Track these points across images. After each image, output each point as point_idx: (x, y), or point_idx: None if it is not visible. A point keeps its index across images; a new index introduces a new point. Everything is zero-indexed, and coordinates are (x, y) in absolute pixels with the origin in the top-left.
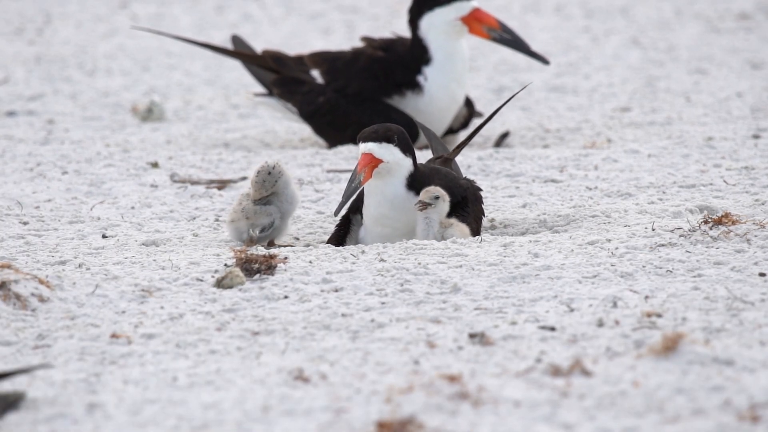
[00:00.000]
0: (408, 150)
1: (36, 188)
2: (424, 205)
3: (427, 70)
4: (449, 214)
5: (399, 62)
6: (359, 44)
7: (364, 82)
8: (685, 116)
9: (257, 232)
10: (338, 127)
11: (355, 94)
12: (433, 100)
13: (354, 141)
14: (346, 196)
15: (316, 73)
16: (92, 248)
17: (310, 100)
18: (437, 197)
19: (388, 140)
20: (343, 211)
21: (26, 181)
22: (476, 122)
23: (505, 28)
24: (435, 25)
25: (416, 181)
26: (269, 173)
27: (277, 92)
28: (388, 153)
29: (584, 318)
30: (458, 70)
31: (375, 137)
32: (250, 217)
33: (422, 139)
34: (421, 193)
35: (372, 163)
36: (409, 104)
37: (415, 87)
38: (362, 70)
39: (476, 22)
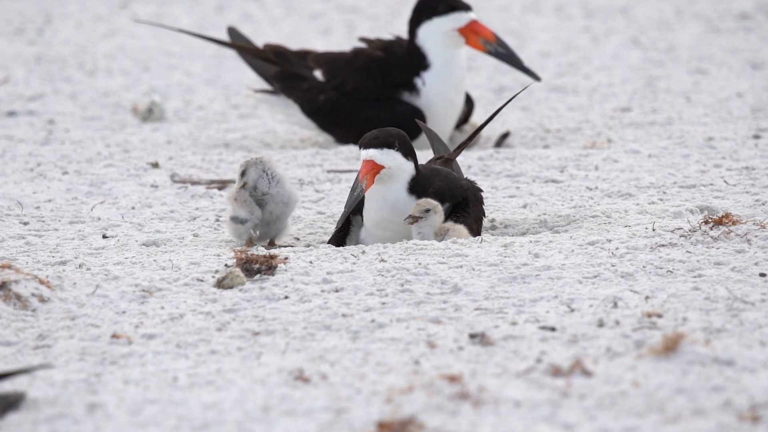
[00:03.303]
0: (409, 154)
1: (36, 188)
2: (415, 219)
3: (426, 75)
4: (447, 216)
5: (397, 63)
6: (359, 45)
7: (361, 81)
8: (686, 116)
9: (257, 233)
10: (343, 124)
11: (353, 91)
12: (430, 104)
13: (359, 137)
14: (348, 206)
15: (318, 73)
16: (92, 248)
17: (311, 98)
18: (428, 210)
19: (389, 145)
20: (341, 218)
21: (26, 181)
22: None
23: (500, 42)
24: (432, 35)
25: (418, 185)
26: (246, 168)
27: (278, 86)
28: (390, 158)
29: (584, 318)
30: (456, 78)
31: (376, 143)
32: (237, 199)
33: (422, 139)
34: (413, 207)
35: (374, 170)
36: None
37: (413, 89)
38: (360, 69)
39: (473, 34)
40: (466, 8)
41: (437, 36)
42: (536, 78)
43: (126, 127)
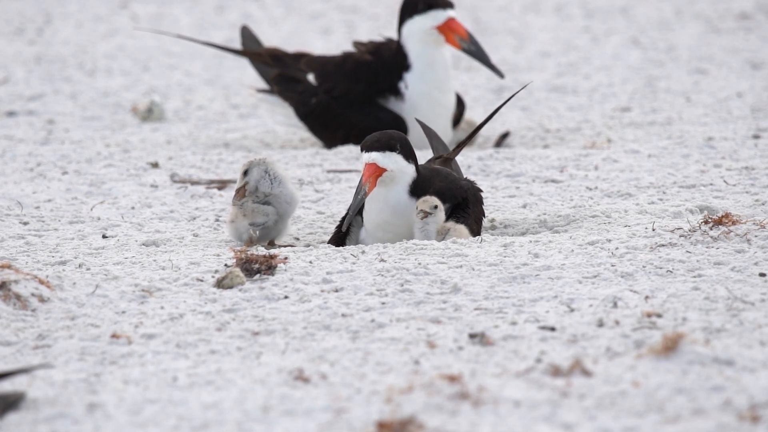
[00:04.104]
0: (410, 156)
1: (36, 188)
2: (426, 214)
3: (408, 77)
4: (447, 216)
5: (383, 67)
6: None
7: (349, 85)
8: (685, 116)
9: (257, 233)
10: (330, 128)
11: (342, 95)
12: (415, 107)
13: (345, 141)
14: (353, 209)
15: (311, 77)
16: (92, 248)
17: (304, 101)
18: (436, 206)
19: (391, 148)
20: (346, 222)
21: (26, 181)
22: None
23: (472, 40)
24: (413, 33)
25: (419, 188)
26: (249, 168)
27: (276, 90)
28: (392, 161)
29: (584, 318)
30: (439, 78)
31: (378, 146)
32: (247, 215)
33: (414, 139)
34: (420, 202)
35: (376, 173)
36: (393, 109)
37: (397, 93)
38: (348, 72)
39: (450, 31)
40: (445, 6)
41: (418, 34)
42: (500, 76)
43: (126, 127)
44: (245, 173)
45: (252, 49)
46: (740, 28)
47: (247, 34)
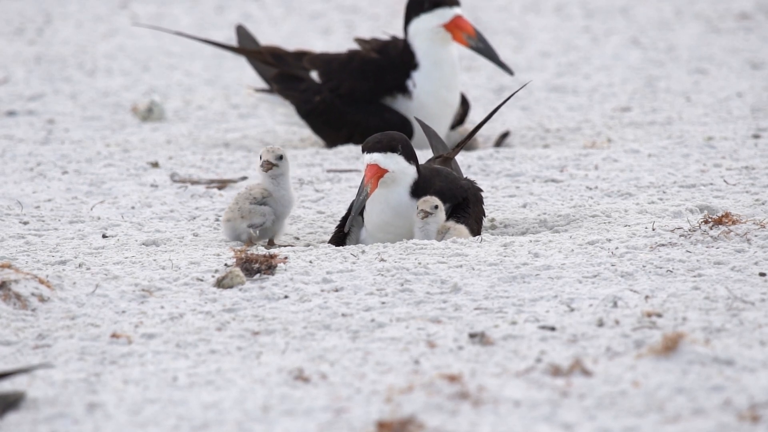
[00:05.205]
0: (412, 157)
1: (36, 188)
2: (427, 214)
3: (416, 76)
4: (447, 216)
5: (390, 65)
6: (356, 46)
7: (356, 83)
8: (685, 116)
9: (257, 232)
10: (334, 126)
11: (348, 94)
12: (423, 105)
13: (348, 140)
14: (355, 210)
15: (314, 75)
16: (92, 248)
17: (307, 99)
18: (437, 206)
19: (393, 149)
20: (349, 221)
21: (26, 180)
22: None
23: (480, 38)
24: (420, 31)
25: (420, 188)
26: (283, 155)
27: (276, 88)
28: (393, 162)
29: (584, 318)
30: (446, 76)
31: (379, 147)
32: (245, 216)
33: (417, 139)
34: (420, 202)
35: (378, 173)
36: (400, 108)
37: (405, 91)
38: (355, 70)
39: (457, 29)
40: (451, 4)
41: (425, 33)
42: (510, 72)
43: (126, 127)
44: (280, 157)
45: (252, 48)
46: (740, 28)
47: (242, 33)
